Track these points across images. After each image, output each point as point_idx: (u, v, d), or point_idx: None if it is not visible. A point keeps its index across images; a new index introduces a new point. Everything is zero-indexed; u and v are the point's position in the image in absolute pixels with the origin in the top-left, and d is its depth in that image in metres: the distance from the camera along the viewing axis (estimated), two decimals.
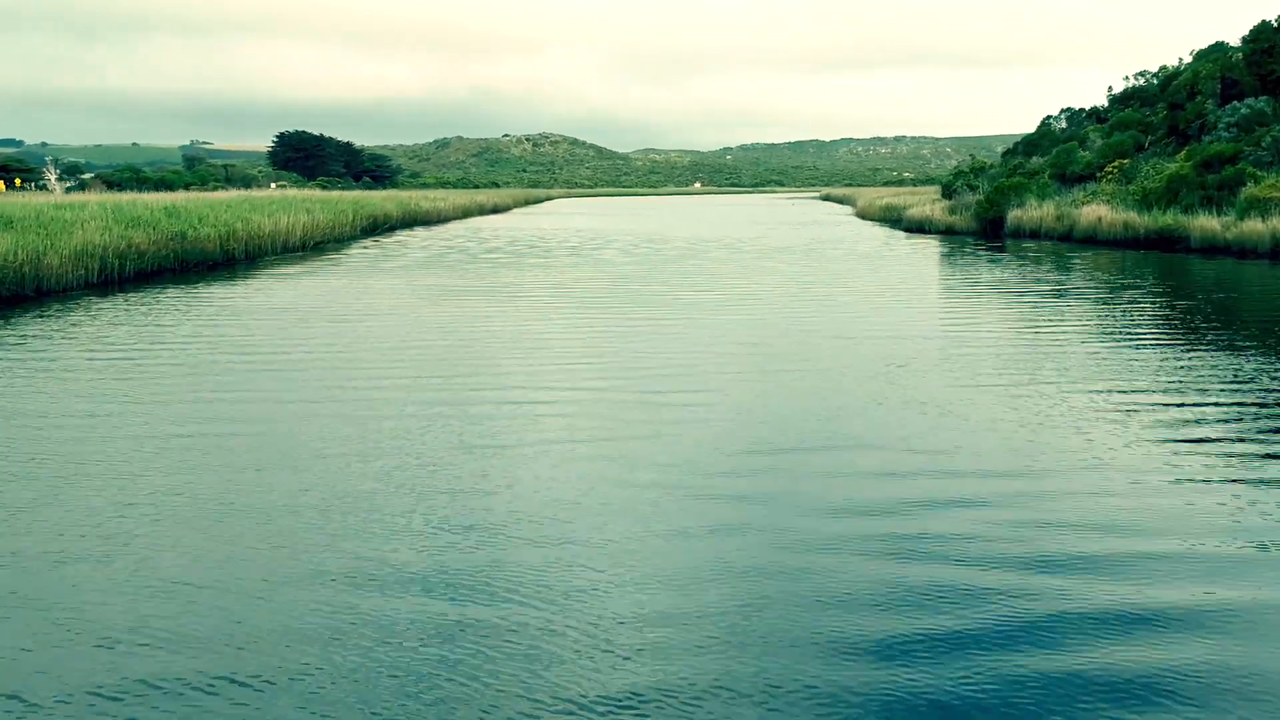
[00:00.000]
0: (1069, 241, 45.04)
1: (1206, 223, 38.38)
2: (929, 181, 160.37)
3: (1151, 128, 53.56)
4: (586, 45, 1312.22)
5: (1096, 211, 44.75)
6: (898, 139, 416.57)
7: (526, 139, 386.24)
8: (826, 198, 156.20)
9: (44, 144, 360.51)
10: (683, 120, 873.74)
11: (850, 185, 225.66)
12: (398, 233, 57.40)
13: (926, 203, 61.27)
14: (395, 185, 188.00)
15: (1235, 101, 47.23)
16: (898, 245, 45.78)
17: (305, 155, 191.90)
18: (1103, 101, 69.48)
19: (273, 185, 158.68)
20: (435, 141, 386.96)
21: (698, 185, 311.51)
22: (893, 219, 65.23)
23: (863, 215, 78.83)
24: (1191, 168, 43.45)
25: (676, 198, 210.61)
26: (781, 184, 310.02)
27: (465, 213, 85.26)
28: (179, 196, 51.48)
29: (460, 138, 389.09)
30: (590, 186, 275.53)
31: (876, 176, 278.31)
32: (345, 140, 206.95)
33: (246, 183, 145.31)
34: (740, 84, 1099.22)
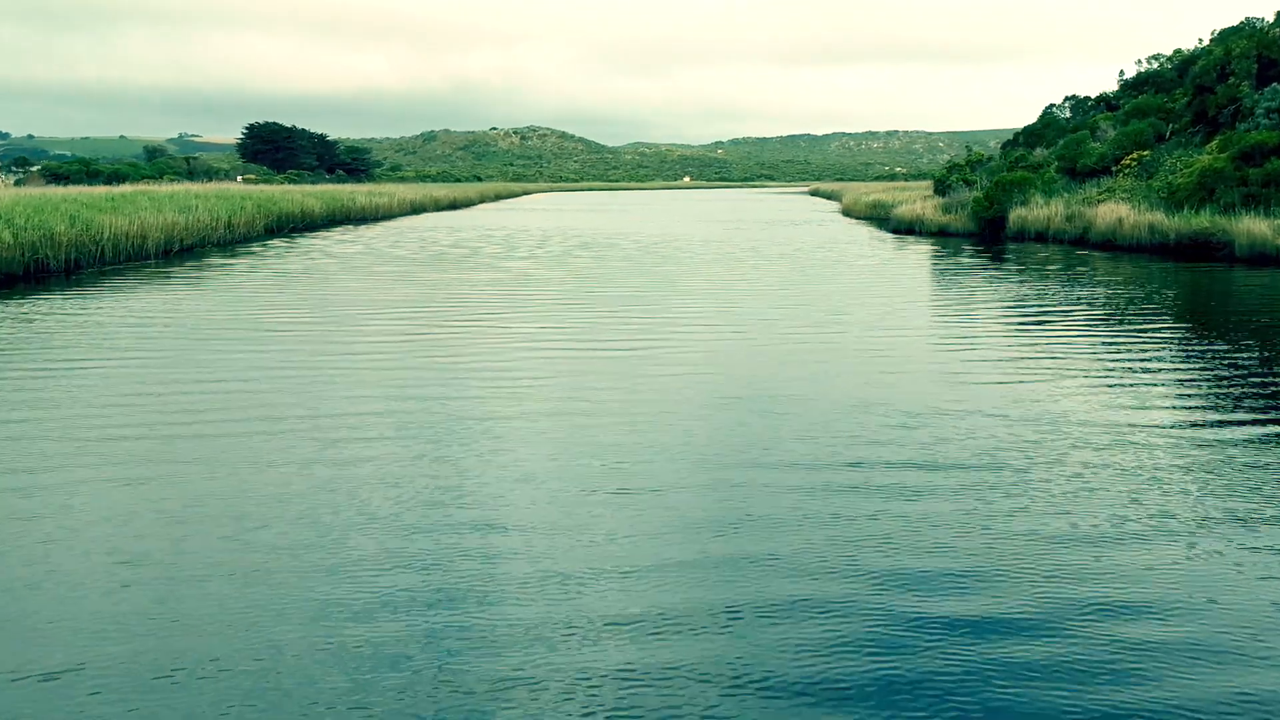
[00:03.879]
0: (1083, 246, 38.28)
1: (1253, 226, 31.62)
2: (921, 176, 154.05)
3: (1173, 115, 46.69)
4: (578, 38, 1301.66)
5: (1115, 211, 37.99)
6: (890, 133, 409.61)
7: (514, 132, 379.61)
8: (814, 193, 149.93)
9: (30, 136, 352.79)
10: (674, 114, 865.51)
11: (841, 180, 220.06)
12: (317, 233, 50.23)
13: (917, 199, 54.42)
14: (372, 179, 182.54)
15: (1276, 84, 40.44)
16: (885, 251, 39.05)
17: (275, 148, 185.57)
18: (1113, 88, 62.63)
19: (239, 179, 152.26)
20: (422, 134, 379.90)
21: (687, 179, 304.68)
22: (880, 217, 58.44)
23: (848, 212, 72.04)
24: (1228, 160, 36.69)
25: (662, 192, 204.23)
26: (772, 178, 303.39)
27: (416, 208, 78.08)
28: (73, 190, 44.23)
29: (448, 131, 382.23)
30: (576, 180, 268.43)
31: (868, 171, 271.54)
32: (319, 132, 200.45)
33: (210, 176, 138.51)
34: (732, 78, 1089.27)
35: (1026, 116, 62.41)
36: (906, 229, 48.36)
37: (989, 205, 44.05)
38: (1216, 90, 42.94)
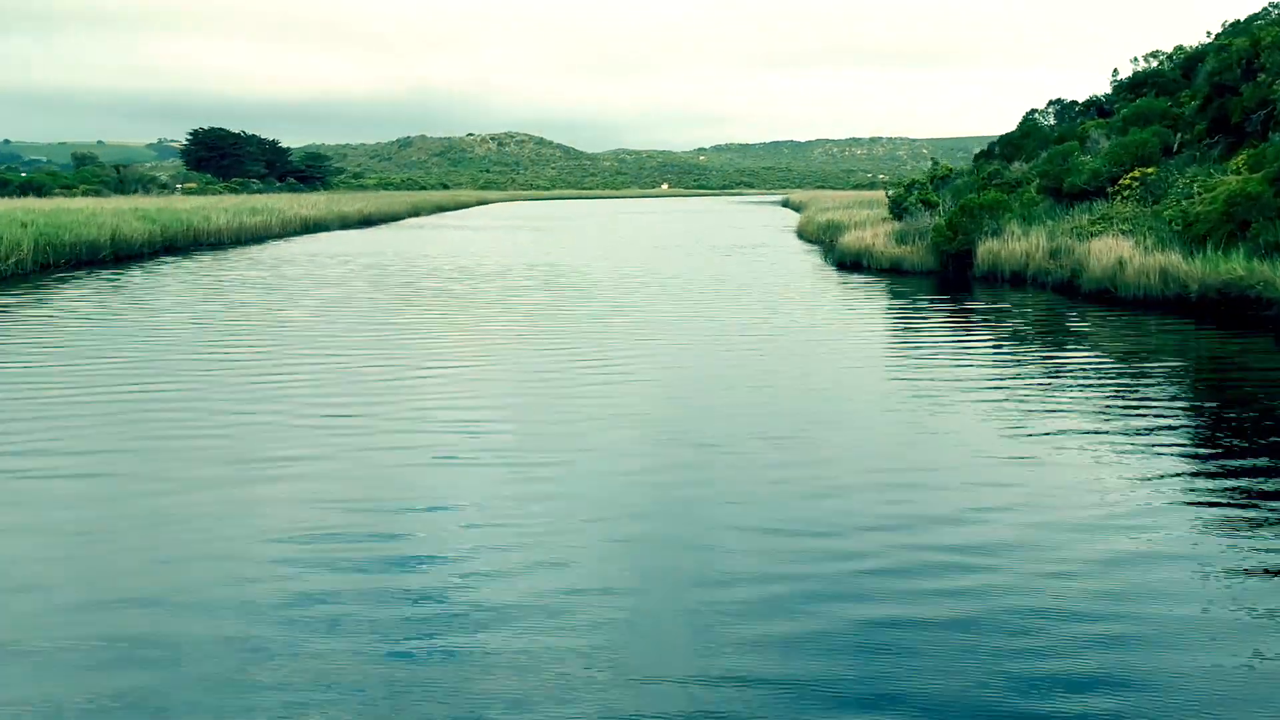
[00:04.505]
0: (1073, 295, 28.98)
1: None
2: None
3: (1184, 122, 37.53)
4: (557, 41, 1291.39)
5: (1114, 249, 28.68)
6: (874, 140, 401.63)
7: (491, 138, 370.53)
8: (785, 202, 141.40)
9: (6, 141, 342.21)
10: (656, 119, 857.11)
11: (821, 187, 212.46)
12: (128, 266, 40.44)
13: (869, 224, 45.06)
14: (328, 187, 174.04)
15: None
16: (819, 298, 29.79)
17: (221, 154, 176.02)
18: (1106, 90, 53.46)
19: (179, 188, 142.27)
20: (398, 140, 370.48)
21: (665, 187, 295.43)
22: (830, 242, 49.21)
23: (801, 233, 62.73)
24: (1263, 182, 27.44)
25: (635, 200, 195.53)
26: (751, 185, 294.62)
27: (313, 226, 68.36)
28: None
29: (424, 136, 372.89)
30: (548, 188, 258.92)
31: (849, 179, 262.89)
32: (272, 138, 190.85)
33: (142, 184, 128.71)
34: (716, 83, 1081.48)
35: (1016, 124, 53.30)
36: (853, 262, 39.00)
37: (952, 235, 34.75)
38: (1242, 91, 33.73)
